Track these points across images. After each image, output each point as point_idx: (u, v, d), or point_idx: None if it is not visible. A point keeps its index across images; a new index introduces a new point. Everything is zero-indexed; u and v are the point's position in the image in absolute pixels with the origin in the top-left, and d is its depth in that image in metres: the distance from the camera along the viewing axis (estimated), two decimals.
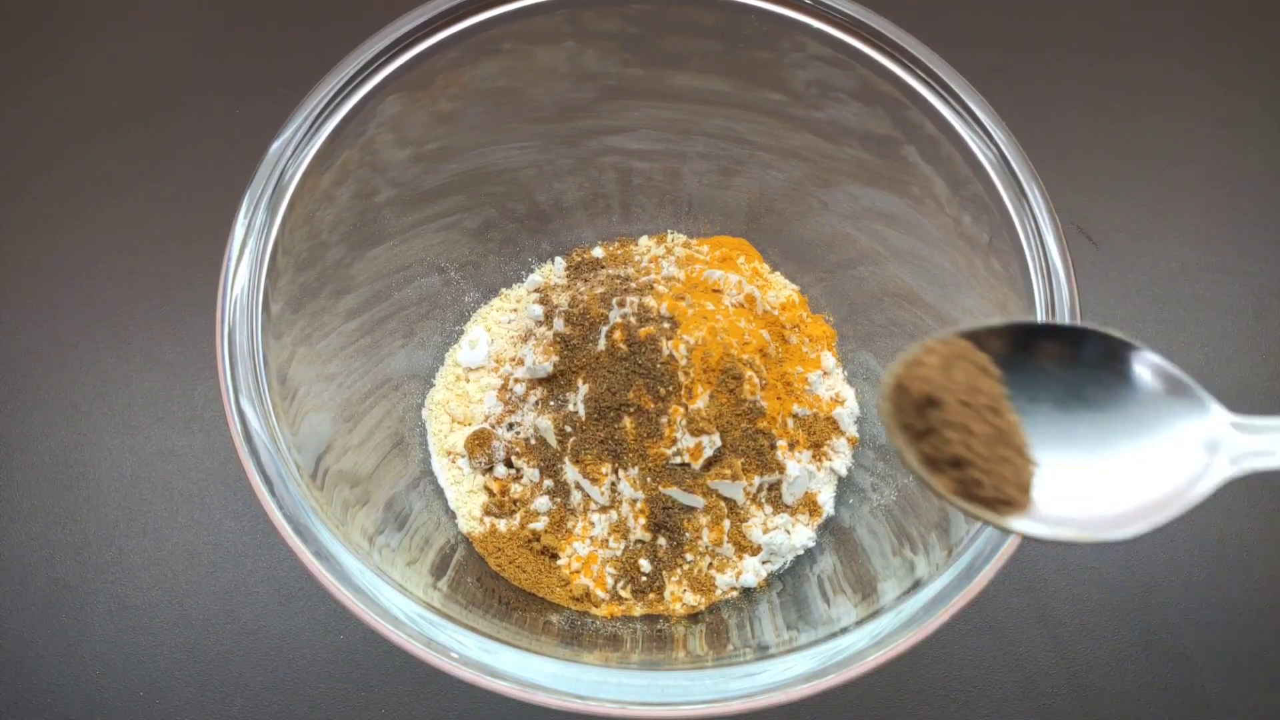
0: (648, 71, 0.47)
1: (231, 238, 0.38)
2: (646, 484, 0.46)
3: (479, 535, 0.48)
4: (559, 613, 0.46)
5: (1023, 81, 0.66)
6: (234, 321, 0.36)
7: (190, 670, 0.49)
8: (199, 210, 0.61)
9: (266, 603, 0.51)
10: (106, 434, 0.55)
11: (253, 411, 0.35)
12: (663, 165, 0.53)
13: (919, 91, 0.41)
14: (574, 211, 0.55)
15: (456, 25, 0.42)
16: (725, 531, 0.47)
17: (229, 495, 0.53)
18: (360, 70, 0.41)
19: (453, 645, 0.32)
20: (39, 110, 0.65)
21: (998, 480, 0.23)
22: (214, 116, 0.64)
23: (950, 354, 0.24)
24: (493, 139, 0.49)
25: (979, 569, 0.33)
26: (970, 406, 0.24)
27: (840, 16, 0.42)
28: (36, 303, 0.59)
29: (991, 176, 0.40)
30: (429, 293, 0.52)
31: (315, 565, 0.33)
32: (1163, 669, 0.50)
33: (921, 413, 0.24)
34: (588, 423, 0.47)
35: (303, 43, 0.67)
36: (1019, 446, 0.24)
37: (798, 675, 0.32)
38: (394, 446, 0.49)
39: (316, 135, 0.40)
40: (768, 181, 0.52)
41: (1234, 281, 0.60)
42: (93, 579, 0.51)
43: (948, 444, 0.23)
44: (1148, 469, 0.24)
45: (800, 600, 0.45)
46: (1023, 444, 0.24)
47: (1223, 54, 0.68)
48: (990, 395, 0.24)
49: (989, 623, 0.51)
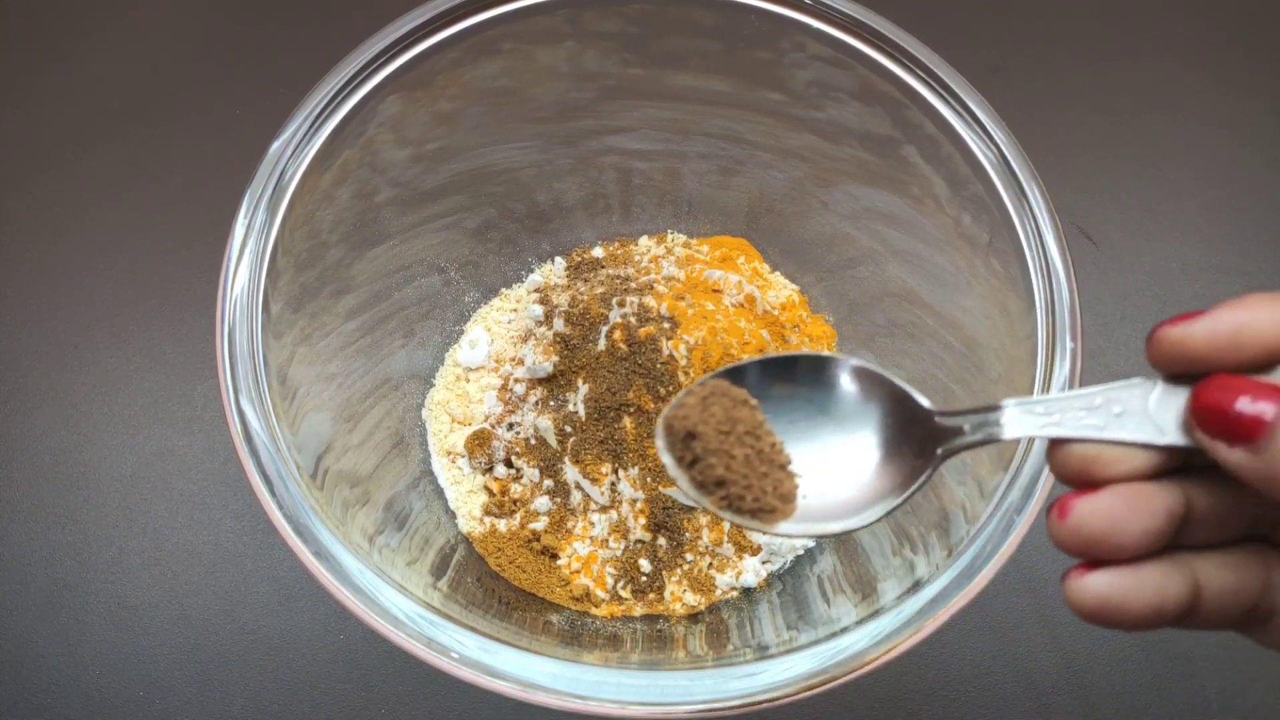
0: (648, 71, 0.47)
1: (231, 238, 0.38)
2: (646, 484, 0.46)
3: (479, 535, 0.48)
4: (559, 613, 0.46)
5: (1023, 81, 0.66)
6: (234, 321, 0.36)
7: (190, 670, 0.49)
8: (199, 210, 0.61)
9: (266, 603, 0.51)
10: (106, 434, 0.55)
11: (253, 411, 0.35)
12: (663, 165, 0.53)
13: (919, 91, 0.41)
14: (574, 211, 0.55)
15: (456, 25, 0.42)
16: (725, 531, 0.47)
17: (229, 495, 0.53)
18: (360, 70, 0.41)
19: (453, 645, 0.32)
20: (39, 110, 0.65)
21: (758, 494, 0.28)
22: (214, 116, 0.64)
23: (707, 393, 0.29)
24: (493, 139, 0.49)
25: (979, 569, 0.33)
26: (730, 435, 0.28)
27: (840, 16, 0.42)
28: (36, 303, 0.59)
29: (991, 176, 0.40)
30: (429, 293, 0.52)
31: (315, 565, 0.33)
32: (1163, 669, 0.50)
33: (687, 445, 0.29)
34: (588, 423, 0.47)
35: (303, 43, 0.67)
36: (781, 464, 0.29)
37: (798, 675, 0.32)
38: (394, 446, 0.49)
39: (316, 135, 0.40)
40: (768, 181, 0.52)
41: (1234, 281, 0.60)
42: (93, 579, 0.51)
43: (711, 468, 0.28)
44: (880, 465, 0.28)
45: (800, 600, 0.45)
46: (785, 461, 0.29)
47: (1223, 54, 0.68)
48: (748, 423, 0.29)
49: (989, 623, 0.51)
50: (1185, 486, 0.23)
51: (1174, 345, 0.23)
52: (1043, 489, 0.34)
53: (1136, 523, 0.22)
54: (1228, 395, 0.21)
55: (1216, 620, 0.23)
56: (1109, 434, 0.24)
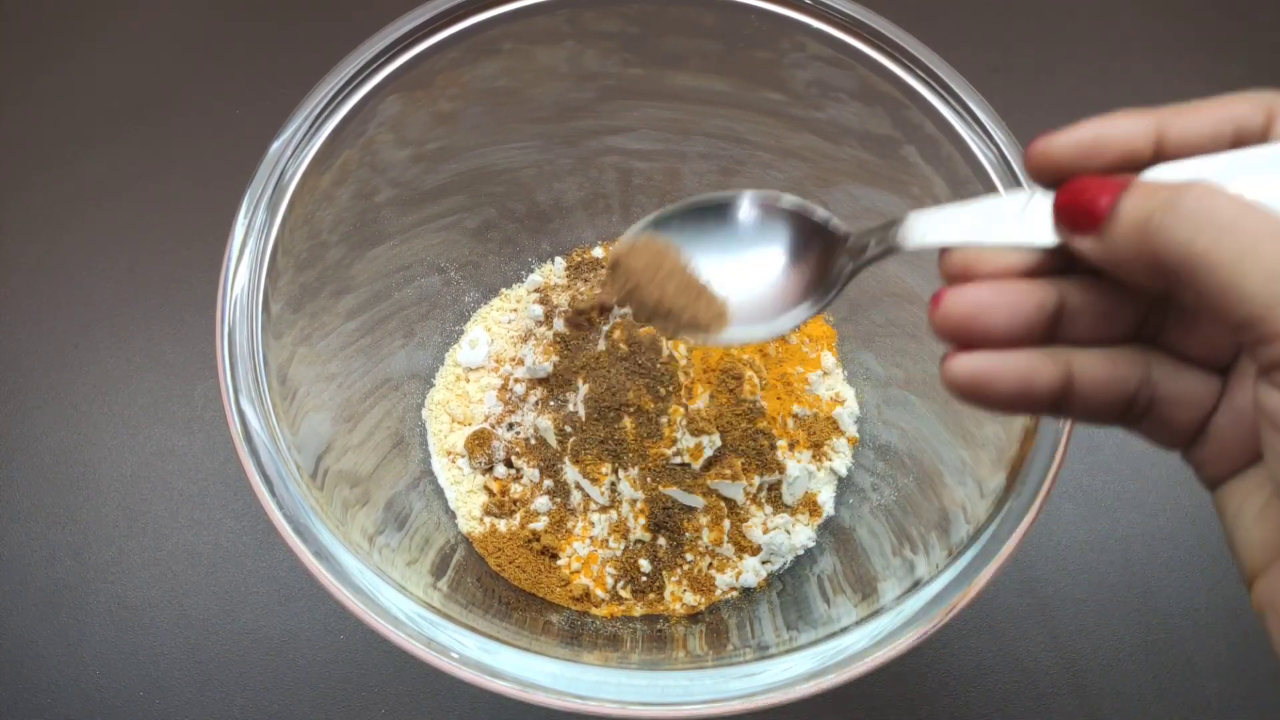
0: (648, 71, 0.47)
1: (231, 238, 0.38)
2: (646, 484, 0.46)
3: (479, 535, 0.48)
4: (559, 613, 0.46)
5: (1023, 81, 0.66)
6: (234, 321, 0.36)
7: (190, 670, 0.49)
8: (199, 210, 0.61)
9: (266, 603, 0.51)
10: (106, 434, 0.55)
11: (253, 411, 0.35)
12: (663, 165, 0.53)
13: (919, 91, 0.41)
14: (574, 211, 0.55)
15: (456, 25, 0.42)
16: (725, 531, 0.47)
17: (229, 495, 0.53)
18: (360, 70, 0.41)
19: (453, 645, 0.32)
20: (39, 110, 0.65)
21: (693, 314, 0.34)
22: (214, 116, 0.64)
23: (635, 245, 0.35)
24: (493, 139, 0.49)
25: (979, 569, 0.33)
26: (659, 271, 0.34)
27: (840, 16, 0.42)
28: (36, 303, 0.59)
29: (991, 176, 0.40)
30: (429, 293, 0.52)
31: (315, 565, 0.33)
32: (1163, 669, 0.50)
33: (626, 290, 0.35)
34: (588, 423, 0.47)
35: (303, 43, 0.67)
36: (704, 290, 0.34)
37: (798, 675, 0.32)
38: (394, 446, 0.49)
39: (316, 135, 0.40)
40: (768, 181, 0.52)
41: None
42: (93, 579, 0.51)
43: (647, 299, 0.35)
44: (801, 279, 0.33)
45: (800, 600, 0.45)
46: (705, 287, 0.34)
47: (1223, 55, 0.68)
48: (672, 263, 0.34)
49: (989, 623, 0.51)
50: (1061, 285, 0.25)
51: (1041, 155, 0.25)
52: (1044, 489, 0.34)
53: (1002, 309, 0.24)
54: (1076, 190, 0.24)
55: (1094, 407, 0.25)
56: (988, 238, 0.26)
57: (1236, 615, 0.51)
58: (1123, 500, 0.54)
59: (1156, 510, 0.53)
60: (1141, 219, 0.22)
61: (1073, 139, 0.24)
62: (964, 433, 0.41)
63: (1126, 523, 0.53)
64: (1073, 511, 0.53)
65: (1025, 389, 0.24)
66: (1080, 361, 0.25)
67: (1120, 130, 0.24)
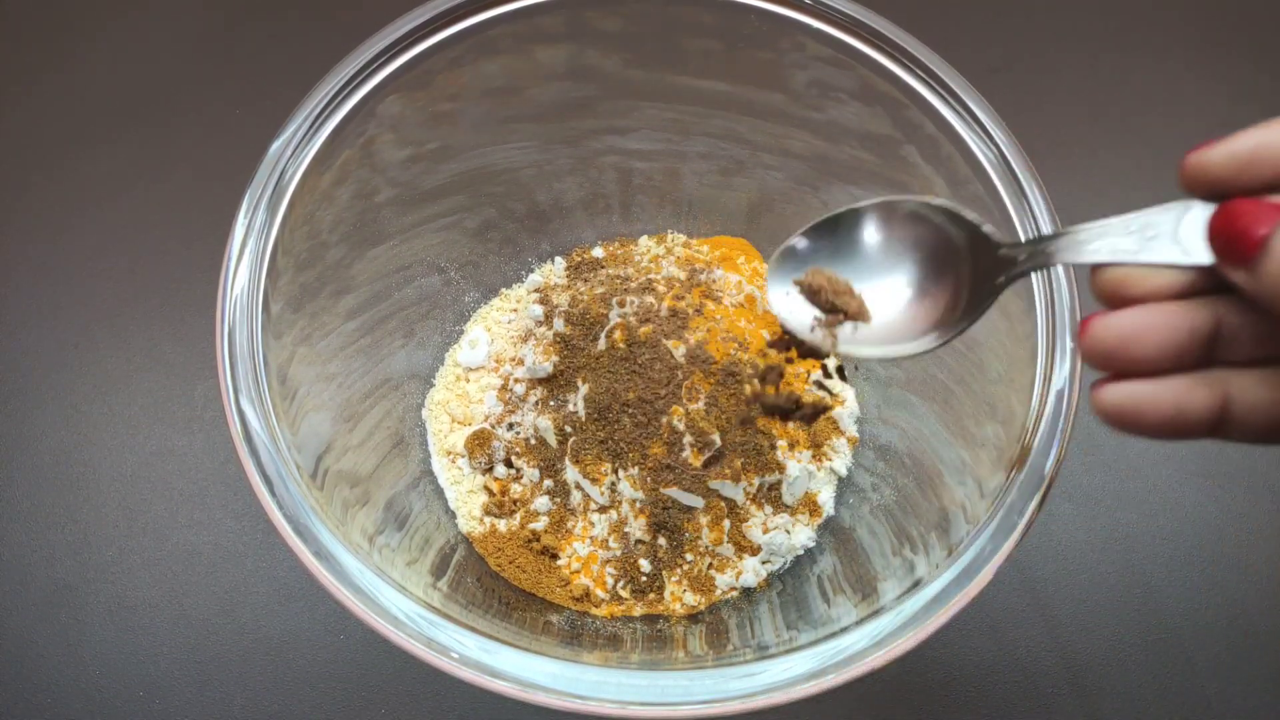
0: (648, 71, 0.47)
1: (231, 238, 0.38)
2: (646, 484, 0.46)
3: (479, 535, 0.48)
4: (559, 613, 0.46)
5: (1023, 81, 0.66)
6: (234, 321, 0.36)
7: (190, 670, 0.49)
8: (199, 210, 0.61)
9: (266, 603, 0.51)
10: (106, 434, 0.55)
11: (253, 411, 0.35)
12: (663, 165, 0.53)
13: (919, 91, 0.41)
14: (574, 211, 0.55)
15: (456, 25, 0.42)
16: (725, 531, 0.47)
17: (229, 495, 0.53)
18: (360, 70, 0.41)
19: (453, 645, 0.32)
20: (39, 110, 0.65)
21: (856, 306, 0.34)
22: (214, 116, 0.64)
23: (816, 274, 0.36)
24: (493, 139, 0.49)
25: (979, 569, 0.33)
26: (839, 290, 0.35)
27: (840, 16, 0.42)
28: (36, 303, 0.59)
29: (991, 176, 0.40)
30: (429, 293, 0.52)
31: (315, 565, 0.33)
32: (1163, 669, 0.50)
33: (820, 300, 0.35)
34: (588, 423, 0.47)
35: (303, 43, 0.67)
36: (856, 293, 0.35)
37: (798, 675, 0.32)
38: (394, 446, 0.49)
39: (316, 135, 0.40)
40: (768, 181, 0.52)
41: None
42: (93, 579, 0.51)
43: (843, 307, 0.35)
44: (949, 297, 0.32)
45: (800, 600, 0.45)
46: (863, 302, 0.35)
47: (1223, 54, 0.68)
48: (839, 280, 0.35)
49: (989, 623, 0.51)
50: (1218, 305, 0.24)
51: (1196, 168, 0.23)
52: (1043, 489, 0.34)
53: (1153, 336, 0.23)
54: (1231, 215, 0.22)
55: (1254, 430, 0.24)
56: (1141, 257, 0.25)
57: (1236, 615, 0.51)
58: (1123, 500, 0.54)
59: (1156, 510, 0.53)
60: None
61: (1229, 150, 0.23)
62: (964, 433, 0.41)
63: (1126, 522, 0.53)
64: (1072, 511, 0.53)
65: (1178, 418, 0.23)
66: (1237, 384, 0.23)
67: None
